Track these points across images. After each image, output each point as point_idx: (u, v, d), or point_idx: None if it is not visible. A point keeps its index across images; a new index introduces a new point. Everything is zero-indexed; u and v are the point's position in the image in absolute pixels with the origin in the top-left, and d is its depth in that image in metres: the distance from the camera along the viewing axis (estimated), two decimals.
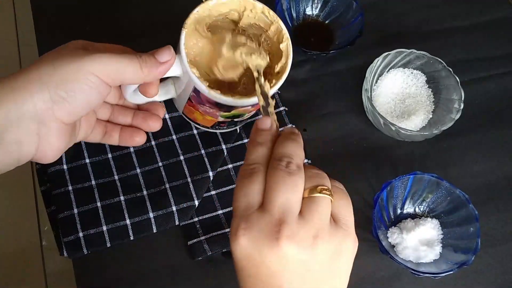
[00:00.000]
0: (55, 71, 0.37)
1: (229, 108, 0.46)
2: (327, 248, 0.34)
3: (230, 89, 0.48)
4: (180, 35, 0.44)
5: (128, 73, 0.40)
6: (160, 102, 0.49)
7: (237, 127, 0.55)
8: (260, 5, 0.47)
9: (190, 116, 0.52)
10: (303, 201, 0.34)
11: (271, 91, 0.46)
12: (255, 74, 0.44)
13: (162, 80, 0.46)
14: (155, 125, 0.47)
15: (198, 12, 0.45)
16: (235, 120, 0.50)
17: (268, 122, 0.39)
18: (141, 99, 0.47)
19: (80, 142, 0.62)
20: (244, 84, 0.48)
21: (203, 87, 0.44)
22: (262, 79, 0.44)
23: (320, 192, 0.34)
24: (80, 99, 0.38)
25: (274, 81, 0.47)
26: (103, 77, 0.39)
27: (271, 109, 0.41)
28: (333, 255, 0.34)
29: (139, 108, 0.49)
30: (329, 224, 0.34)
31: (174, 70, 0.44)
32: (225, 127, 0.53)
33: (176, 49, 0.44)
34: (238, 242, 0.34)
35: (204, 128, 0.55)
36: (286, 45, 0.48)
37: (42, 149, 0.39)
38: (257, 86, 0.43)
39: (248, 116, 0.52)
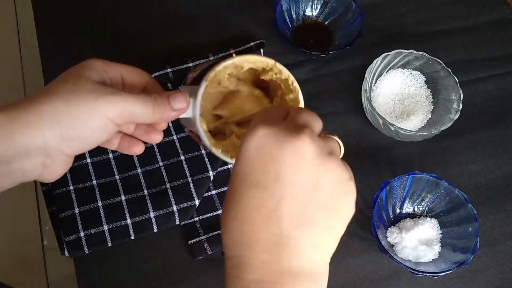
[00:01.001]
0: (68, 110, 0.37)
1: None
2: (337, 172, 0.33)
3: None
4: (200, 85, 0.44)
5: (140, 116, 0.40)
6: None
7: None
8: (287, 73, 0.47)
9: (188, 133, 0.52)
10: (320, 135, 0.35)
11: None
12: None
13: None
14: (156, 138, 0.47)
15: (223, 66, 0.45)
16: None
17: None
18: None
19: None
20: None
21: (207, 143, 0.44)
22: None
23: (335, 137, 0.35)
24: (89, 139, 0.39)
25: None
26: (115, 120, 0.38)
27: None
28: (340, 187, 0.33)
29: None
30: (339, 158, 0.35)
31: (186, 114, 0.44)
32: None
33: (190, 92, 0.44)
34: (256, 133, 0.32)
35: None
36: None
37: (45, 176, 0.40)
38: None
39: None
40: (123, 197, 0.59)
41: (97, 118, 0.38)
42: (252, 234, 0.32)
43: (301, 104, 0.48)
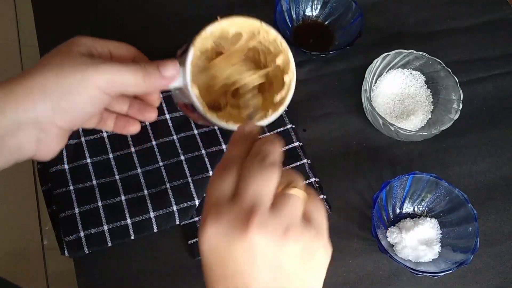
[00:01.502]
0: (58, 81, 0.37)
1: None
2: (299, 245, 0.32)
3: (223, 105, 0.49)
4: (188, 51, 0.43)
5: (131, 86, 0.40)
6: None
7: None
8: (274, 33, 0.47)
9: (183, 111, 0.52)
10: (275, 195, 0.33)
11: (266, 121, 0.46)
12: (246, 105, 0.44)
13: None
14: (151, 116, 0.47)
15: (210, 30, 0.45)
16: None
17: (251, 127, 0.38)
18: None
19: (81, 142, 0.62)
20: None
21: (201, 109, 0.44)
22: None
23: (293, 189, 0.34)
24: (81, 110, 0.39)
25: (270, 111, 0.47)
26: (105, 89, 0.39)
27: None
28: (305, 255, 0.32)
29: (135, 96, 0.49)
30: (300, 220, 0.33)
31: (176, 82, 0.44)
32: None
33: (181, 62, 0.44)
34: (206, 232, 0.32)
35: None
36: (290, 79, 0.48)
37: (41, 152, 0.40)
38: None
39: None
40: (123, 197, 0.59)
41: (88, 88, 0.38)
42: None
43: (292, 63, 0.47)
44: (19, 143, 0.38)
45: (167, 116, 0.64)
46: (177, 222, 0.59)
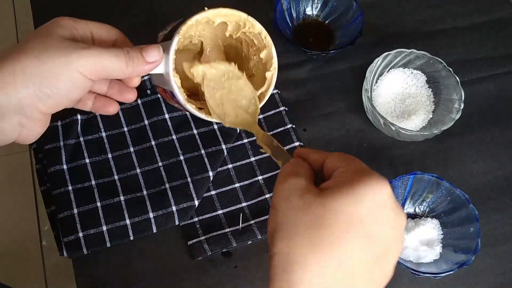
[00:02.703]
0: (40, 66, 0.37)
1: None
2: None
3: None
4: (173, 39, 0.43)
5: (114, 71, 0.39)
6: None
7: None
8: (259, 27, 0.47)
9: (160, 94, 0.51)
10: None
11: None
12: (257, 132, 0.44)
13: None
14: (130, 97, 0.46)
15: (196, 19, 0.45)
16: None
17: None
18: None
19: (80, 142, 0.62)
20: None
21: (181, 99, 0.44)
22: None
23: None
24: (64, 95, 0.38)
25: None
26: (88, 75, 0.38)
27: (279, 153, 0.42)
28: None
29: None
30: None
31: (158, 68, 0.43)
32: None
33: (164, 47, 0.43)
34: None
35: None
36: (272, 75, 0.48)
37: (24, 136, 0.40)
38: (258, 141, 0.43)
39: None
40: (122, 198, 0.59)
41: (71, 73, 0.37)
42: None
43: (275, 59, 0.47)
44: (1, 128, 0.38)
45: (167, 116, 0.64)
46: (177, 223, 0.58)
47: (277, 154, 0.41)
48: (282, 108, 0.66)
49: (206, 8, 0.44)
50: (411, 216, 0.61)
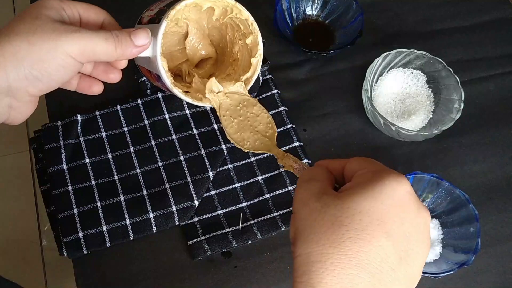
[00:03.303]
0: (30, 49, 0.37)
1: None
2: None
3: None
4: (161, 24, 0.43)
5: (103, 54, 0.40)
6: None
7: None
8: (247, 13, 0.47)
9: (144, 74, 0.52)
10: None
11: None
12: (277, 155, 0.44)
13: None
14: (115, 77, 0.46)
15: (184, 4, 0.45)
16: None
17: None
18: None
19: (80, 142, 0.62)
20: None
21: (168, 82, 0.44)
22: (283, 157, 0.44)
23: None
24: (54, 78, 0.39)
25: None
26: (77, 58, 0.39)
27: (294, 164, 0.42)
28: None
29: None
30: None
31: (146, 52, 0.44)
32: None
33: (152, 30, 0.44)
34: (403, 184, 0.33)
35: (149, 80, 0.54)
36: (257, 61, 0.48)
37: (13, 117, 0.40)
38: (280, 162, 0.43)
39: None
40: (122, 197, 0.59)
41: (60, 56, 0.38)
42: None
43: (260, 45, 0.48)
44: None
45: (166, 116, 0.64)
46: (177, 223, 0.58)
47: (300, 171, 0.42)
48: (282, 108, 0.66)
49: None
50: None
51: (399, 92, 0.68)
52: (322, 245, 0.31)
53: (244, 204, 0.61)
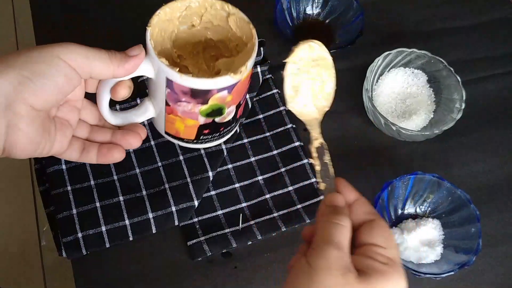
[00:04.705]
0: (20, 54, 0.37)
1: (204, 96, 0.45)
2: None
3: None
4: (146, 33, 0.45)
5: (97, 65, 0.40)
6: (140, 123, 0.48)
7: (223, 138, 0.54)
8: (246, 18, 0.48)
9: (172, 132, 0.51)
10: None
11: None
12: (313, 150, 0.43)
13: (140, 101, 0.47)
14: (135, 142, 0.46)
15: (160, 13, 0.47)
16: (216, 121, 0.50)
17: (340, 200, 0.40)
18: (120, 119, 0.47)
19: None
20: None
21: (174, 73, 0.43)
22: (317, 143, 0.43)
23: None
24: (47, 82, 0.37)
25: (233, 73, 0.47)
26: (71, 63, 0.38)
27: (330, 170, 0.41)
28: None
29: (118, 128, 0.48)
30: None
31: (146, 70, 0.44)
32: (209, 138, 0.52)
33: (145, 48, 0.44)
34: None
35: (189, 145, 0.53)
36: (253, 46, 0.48)
37: (13, 140, 0.37)
38: (312, 146, 0.43)
39: (229, 116, 0.50)
40: (121, 198, 0.59)
41: (50, 58, 0.38)
42: None
43: (255, 36, 0.48)
44: None
45: None
46: (176, 223, 0.58)
47: (323, 173, 0.41)
48: (282, 108, 0.66)
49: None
50: (412, 217, 0.61)
51: (399, 92, 0.68)
52: None
53: (244, 204, 0.60)
